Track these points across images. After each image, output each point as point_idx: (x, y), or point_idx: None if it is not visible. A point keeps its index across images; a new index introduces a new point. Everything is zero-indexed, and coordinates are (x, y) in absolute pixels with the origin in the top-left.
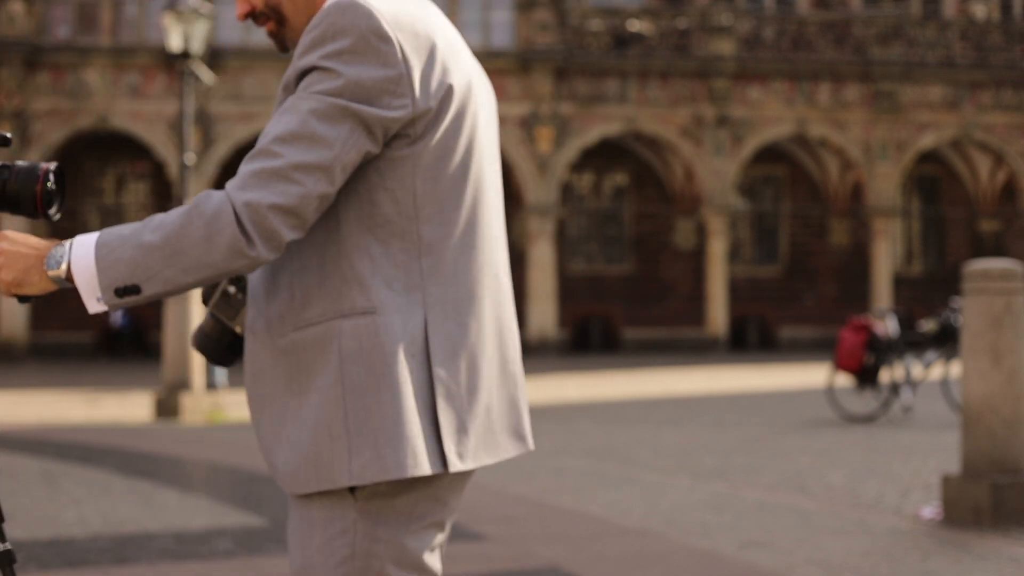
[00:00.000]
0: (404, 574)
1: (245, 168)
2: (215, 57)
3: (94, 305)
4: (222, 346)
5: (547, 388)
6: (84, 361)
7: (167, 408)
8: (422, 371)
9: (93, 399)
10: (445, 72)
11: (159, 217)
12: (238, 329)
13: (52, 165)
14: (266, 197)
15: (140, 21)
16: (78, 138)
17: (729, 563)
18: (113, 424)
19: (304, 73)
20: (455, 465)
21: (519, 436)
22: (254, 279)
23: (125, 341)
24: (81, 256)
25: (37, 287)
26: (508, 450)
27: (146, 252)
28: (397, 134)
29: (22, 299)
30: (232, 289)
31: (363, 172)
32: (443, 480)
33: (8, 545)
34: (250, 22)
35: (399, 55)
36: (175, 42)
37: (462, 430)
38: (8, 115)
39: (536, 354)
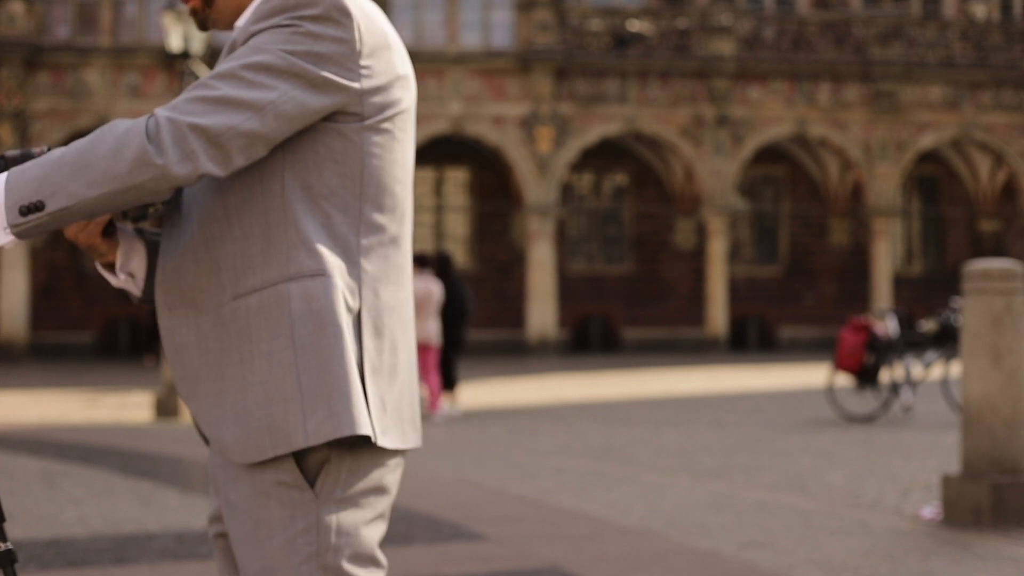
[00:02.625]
0: (361, 568)
1: (183, 95)
2: (215, 57)
3: (2, 236)
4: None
5: (547, 388)
6: (84, 361)
7: (167, 408)
8: (354, 341)
9: (93, 399)
10: (396, 63)
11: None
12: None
13: (44, 148)
14: (191, 117)
15: (140, 21)
16: (78, 138)
17: (729, 563)
18: (113, 424)
19: (254, 35)
20: (379, 439)
21: (417, 430)
22: (171, 255)
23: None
24: None
25: None
26: (412, 440)
27: (54, 167)
28: (347, 111)
29: None
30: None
31: (312, 143)
32: (389, 466)
33: (9, 545)
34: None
35: (356, 33)
36: (175, 42)
37: (382, 407)
38: (8, 115)
39: (536, 354)
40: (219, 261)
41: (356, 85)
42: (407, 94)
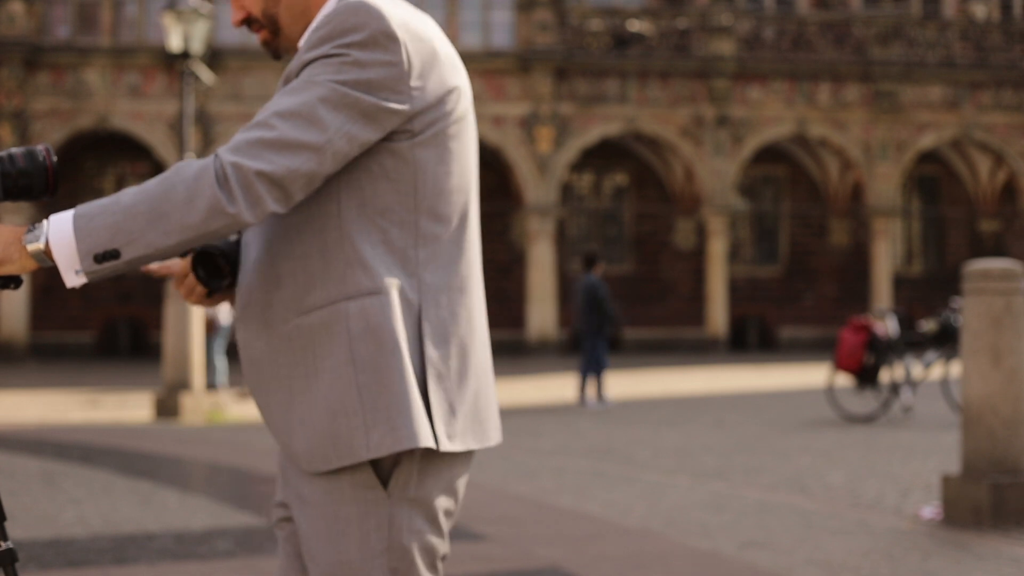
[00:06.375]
0: (427, 567)
1: (240, 136)
2: (215, 57)
3: (72, 278)
4: (235, 248)
5: (547, 388)
6: (84, 361)
7: (167, 408)
8: (416, 353)
9: (93, 399)
10: (446, 76)
11: (138, 185)
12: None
13: (45, 146)
14: (255, 163)
15: (140, 21)
16: (78, 138)
17: (729, 563)
18: (113, 424)
19: (308, 64)
20: (444, 445)
21: (496, 427)
22: (245, 271)
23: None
24: (59, 228)
25: (17, 264)
26: (492, 437)
27: (127, 216)
28: (399, 129)
29: (5, 283)
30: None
31: (366, 163)
32: (456, 469)
33: (10, 544)
34: None
35: (404, 54)
36: (175, 42)
37: (451, 412)
38: (8, 115)
39: (536, 354)
40: (282, 279)
41: (407, 107)
42: (460, 102)
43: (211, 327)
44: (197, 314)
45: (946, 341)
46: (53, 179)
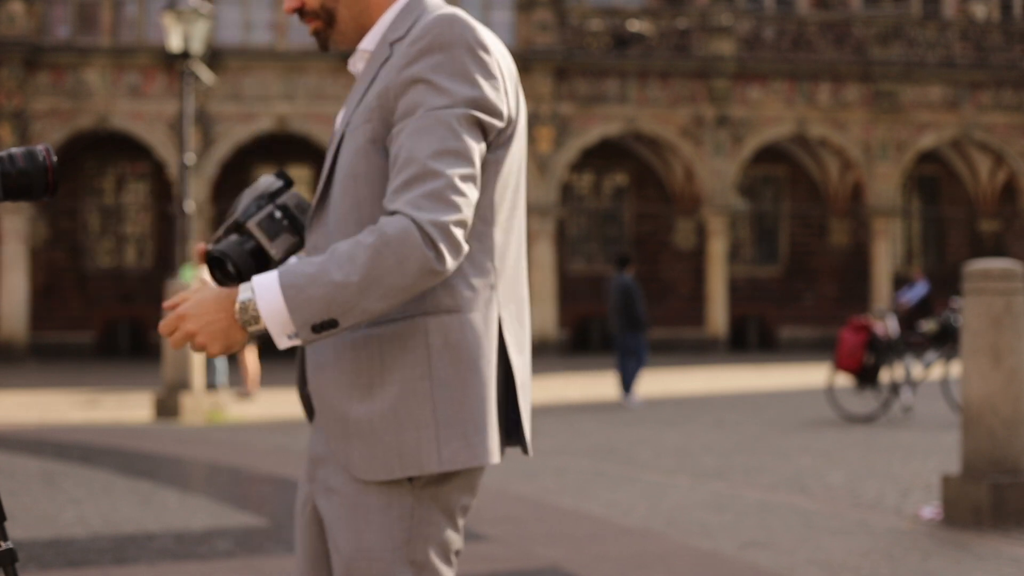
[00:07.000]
0: (442, 562)
1: (416, 190)
2: (215, 57)
3: (284, 341)
4: (250, 258)
5: (547, 388)
6: (84, 361)
7: (167, 408)
8: (502, 365)
9: (93, 399)
10: (517, 87)
11: (341, 251)
12: (272, 252)
13: (45, 146)
14: (448, 214)
15: (140, 21)
16: (78, 138)
17: (730, 563)
18: (113, 424)
19: (414, 82)
20: (530, 451)
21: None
22: None
23: None
24: (269, 302)
25: (240, 343)
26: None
27: (339, 289)
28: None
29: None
30: (278, 214)
31: None
32: (481, 469)
33: (10, 544)
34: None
35: (497, 66)
36: (175, 42)
37: (528, 420)
38: (8, 115)
39: (536, 354)
40: None
41: (502, 123)
42: (522, 111)
43: None
44: None
45: (946, 341)
46: (53, 179)
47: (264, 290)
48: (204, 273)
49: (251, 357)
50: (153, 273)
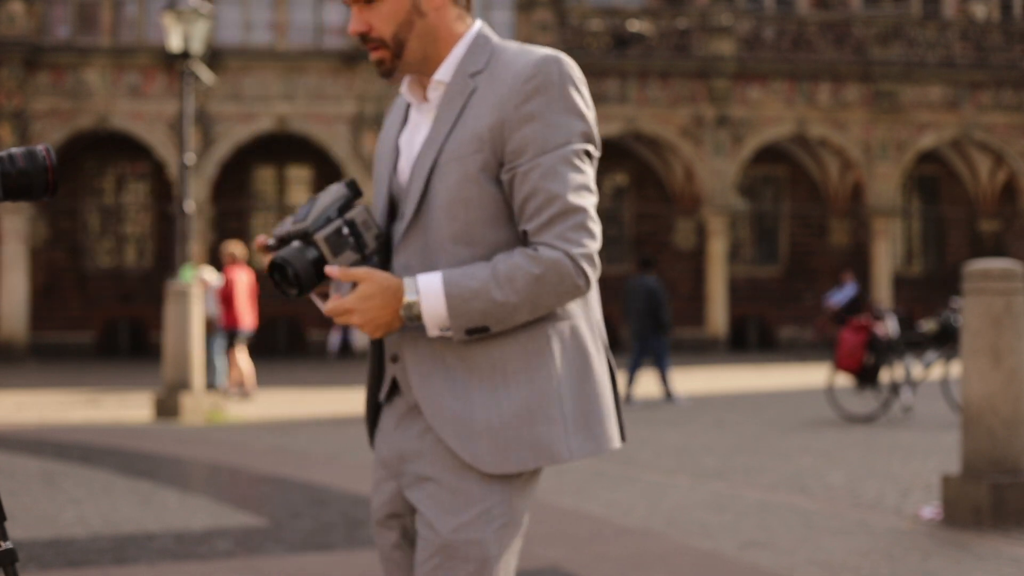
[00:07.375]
0: (517, 545)
1: (561, 225)
2: (215, 57)
3: (436, 333)
4: (311, 267)
5: None
6: (84, 361)
7: (167, 408)
8: (605, 363)
9: (93, 399)
10: None
11: (501, 272)
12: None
13: (45, 146)
14: (592, 243)
15: (140, 21)
16: (78, 138)
17: (730, 563)
18: (113, 424)
19: (530, 119)
20: (625, 437)
21: None
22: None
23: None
24: (433, 306)
25: (395, 329)
26: None
27: (498, 306)
28: None
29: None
30: (346, 230)
31: None
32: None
33: (10, 544)
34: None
35: (589, 99)
36: (175, 42)
37: (621, 409)
38: (8, 115)
39: None
40: None
41: (599, 146)
42: None
43: (211, 327)
44: (197, 314)
45: (946, 341)
46: (53, 179)
47: (430, 295)
48: (204, 273)
49: (243, 358)
50: (153, 273)
